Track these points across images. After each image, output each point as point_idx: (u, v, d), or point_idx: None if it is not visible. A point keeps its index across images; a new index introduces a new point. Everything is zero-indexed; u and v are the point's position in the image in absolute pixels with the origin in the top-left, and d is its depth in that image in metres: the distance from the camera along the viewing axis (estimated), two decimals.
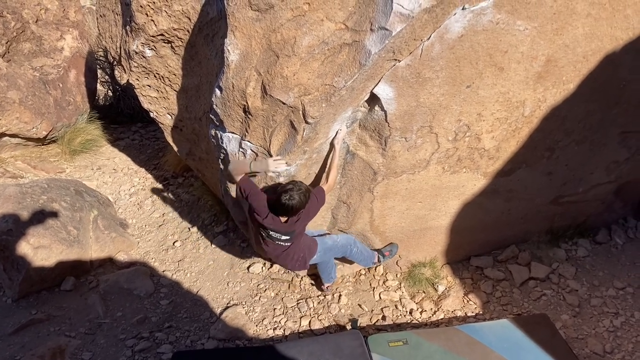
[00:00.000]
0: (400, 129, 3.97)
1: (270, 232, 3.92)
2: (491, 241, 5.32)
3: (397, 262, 5.12)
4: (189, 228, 5.91)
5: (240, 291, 5.04)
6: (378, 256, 4.76)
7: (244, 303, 4.90)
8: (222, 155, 4.25)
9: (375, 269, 5.19)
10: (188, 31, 4.40)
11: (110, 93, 9.28)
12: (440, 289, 5.03)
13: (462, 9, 3.45)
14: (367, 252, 4.66)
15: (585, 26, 3.97)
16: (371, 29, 3.37)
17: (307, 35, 3.46)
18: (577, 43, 4.04)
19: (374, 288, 5.06)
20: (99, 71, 8.81)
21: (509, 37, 3.75)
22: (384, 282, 5.11)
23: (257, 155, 3.97)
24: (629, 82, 4.54)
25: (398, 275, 5.16)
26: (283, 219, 3.85)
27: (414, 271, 5.07)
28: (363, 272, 5.20)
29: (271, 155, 3.87)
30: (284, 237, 3.93)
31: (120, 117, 8.77)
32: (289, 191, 3.68)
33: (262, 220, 3.84)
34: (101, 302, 4.86)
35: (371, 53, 3.38)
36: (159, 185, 6.77)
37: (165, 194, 6.55)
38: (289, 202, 3.67)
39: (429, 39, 3.52)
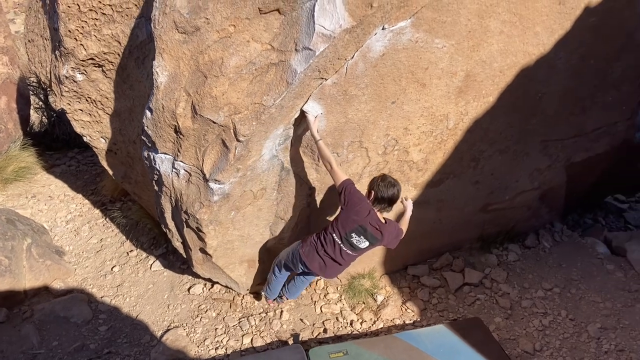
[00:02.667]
0: (332, 144, 4.10)
1: (353, 238, 3.90)
2: (426, 250, 5.51)
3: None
4: (127, 252, 5.83)
5: (181, 313, 5.01)
6: None
7: (185, 325, 4.87)
8: (155, 176, 4.26)
9: (316, 283, 5.28)
10: (119, 54, 4.41)
11: (45, 119, 9.06)
12: (379, 299, 5.15)
13: (382, 28, 3.62)
14: None
15: (499, 43, 4.24)
16: (296, 49, 3.49)
17: (234, 56, 3.55)
18: (493, 58, 4.30)
19: (315, 302, 5.14)
20: (33, 97, 8.60)
21: (429, 54, 3.95)
22: (325, 296, 5.19)
23: (190, 175, 4.01)
24: (544, 94, 4.84)
25: (338, 288, 5.26)
26: (382, 217, 3.92)
27: (354, 283, 5.19)
28: None
29: (205, 175, 3.91)
30: (363, 245, 3.93)
31: (56, 144, 8.56)
32: (387, 177, 3.89)
33: (361, 219, 3.83)
34: (36, 332, 4.72)
35: (297, 72, 3.50)
36: (97, 211, 6.65)
37: (103, 219, 6.45)
38: (397, 186, 3.86)
39: (352, 57, 3.67)
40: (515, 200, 5.54)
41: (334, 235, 3.96)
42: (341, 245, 3.96)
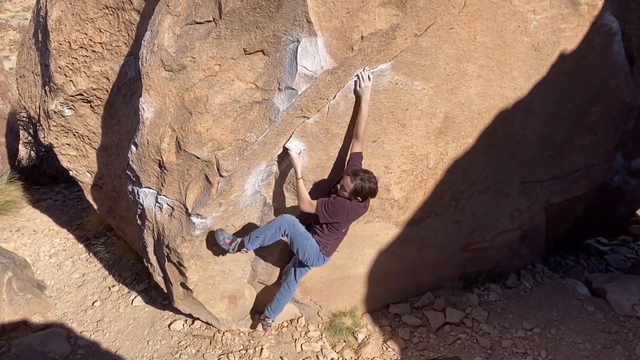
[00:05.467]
0: (313, 181, 4.18)
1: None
2: (408, 288, 5.54)
3: (318, 313, 5.23)
4: (109, 287, 5.80)
5: (161, 349, 4.96)
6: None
7: None
8: (139, 210, 4.31)
9: (297, 321, 5.27)
10: (107, 91, 4.52)
11: (33, 154, 9.12)
12: (360, 337, 5.14)
13: (363, 70, 3.77)
14: None
15: (477, 86, 4.39)
16: (279, 89, 3.61)
17: (219, 94, 3.66)
18: (471, 101, 4.44)
19: (296, 340, 5.11)
20: (22, 132, 8.68)
21: (408, 96, 4.09)
22: (305, 333, 5.17)
23: (173, 209, 4.06)
24: (522, 136, 4.98)
25: (320, 326, 5.25)
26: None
27: (335, 321, 5.18)
28: (285, 324, 5.25)
29: (187, 209, 3.96)
30: None
31: (44, 178, 8.59)
32: (368, 176, 3.89)
33: (358, 215, 4.11)
34: None
35: (280, 110, 3.61)
36: (81, 246, 6.63)
37: (87, 254, 6.43)
38: (375, 183, 3.94)
39: (334, 97, 3.79)
40: (496, 240, 5.61)
41: (342, 230, 4.20)
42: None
